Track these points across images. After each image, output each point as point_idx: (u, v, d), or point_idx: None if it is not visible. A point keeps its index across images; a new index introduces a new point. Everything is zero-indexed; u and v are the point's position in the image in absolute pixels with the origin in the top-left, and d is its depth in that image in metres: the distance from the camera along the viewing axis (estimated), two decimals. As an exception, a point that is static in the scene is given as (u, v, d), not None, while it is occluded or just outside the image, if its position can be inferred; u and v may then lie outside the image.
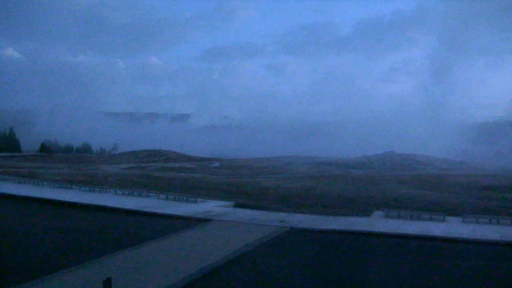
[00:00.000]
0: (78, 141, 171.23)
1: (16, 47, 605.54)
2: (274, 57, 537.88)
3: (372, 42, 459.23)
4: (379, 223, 26.78)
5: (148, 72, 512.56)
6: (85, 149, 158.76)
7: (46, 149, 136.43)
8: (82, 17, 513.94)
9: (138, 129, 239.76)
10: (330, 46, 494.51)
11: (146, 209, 31.02)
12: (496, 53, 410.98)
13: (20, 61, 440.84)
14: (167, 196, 37.33)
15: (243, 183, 51.51)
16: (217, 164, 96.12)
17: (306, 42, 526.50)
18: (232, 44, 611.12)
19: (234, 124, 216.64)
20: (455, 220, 27.88)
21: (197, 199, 35.33)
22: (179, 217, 28.47)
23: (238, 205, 34.08)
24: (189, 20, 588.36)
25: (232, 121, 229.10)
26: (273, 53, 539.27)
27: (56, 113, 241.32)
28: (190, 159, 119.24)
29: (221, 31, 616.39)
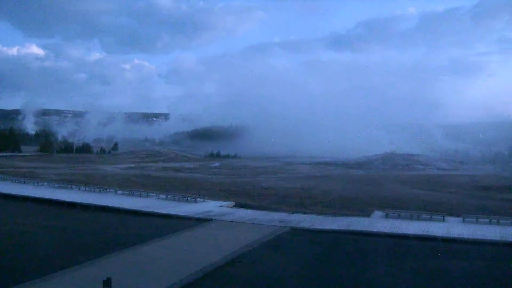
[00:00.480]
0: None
1: (41, 43, 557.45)
2: (319, 54, 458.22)
3: (434, 37, 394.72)
4: (379, 223, 26.77)
5: (181, 70, 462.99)
6: (85, 149, 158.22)
7: (44, 149, 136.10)
8: (128, 5, 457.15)
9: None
10: (390, 41, 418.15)
11: (146, 209, 31.02)
12: None
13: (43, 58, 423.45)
14: (167, 196, 37.33)
15: (243, 183, 51.54)
16: (217, 164, 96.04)
17: (361, 38, 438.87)
18: (279, 41, 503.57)
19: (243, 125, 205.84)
20: (455, 220, 27.86)
21: (197, 199, 35.32)
22: (179, 217, 28.46)
23: (238, 205, 34.08)
24: (248, 10, 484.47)
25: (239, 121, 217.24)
26: (317, 49, 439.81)
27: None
28: (190, 159, 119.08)
29: (275, 24, 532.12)
